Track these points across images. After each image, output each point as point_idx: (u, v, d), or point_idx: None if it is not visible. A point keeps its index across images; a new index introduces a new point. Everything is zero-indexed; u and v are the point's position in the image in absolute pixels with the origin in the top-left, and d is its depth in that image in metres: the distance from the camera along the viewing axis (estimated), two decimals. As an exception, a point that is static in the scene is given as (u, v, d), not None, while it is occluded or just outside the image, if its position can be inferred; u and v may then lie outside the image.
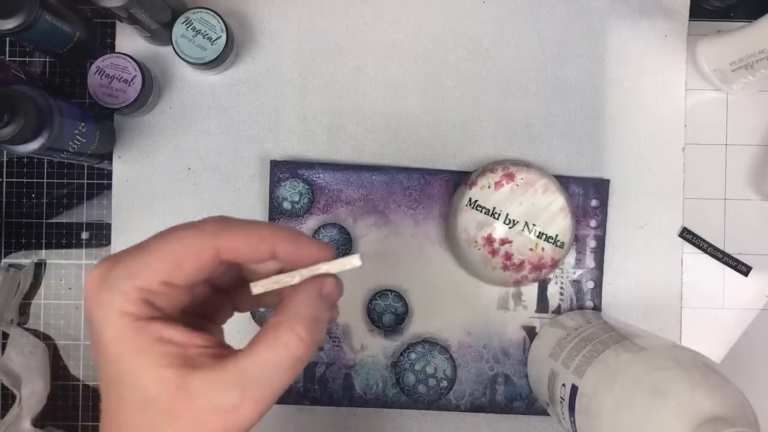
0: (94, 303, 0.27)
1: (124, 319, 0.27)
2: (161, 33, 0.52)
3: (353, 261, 0.30)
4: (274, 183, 0.54)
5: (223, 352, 0.28)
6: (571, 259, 0.55)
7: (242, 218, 0.30)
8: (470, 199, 0.52)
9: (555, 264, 0.52)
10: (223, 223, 0.29)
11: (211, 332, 0.32)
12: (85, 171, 0.56)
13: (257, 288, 0.30)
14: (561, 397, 0.45)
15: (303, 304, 0.29)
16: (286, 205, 0.54)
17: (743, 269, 0.56)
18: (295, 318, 0.28)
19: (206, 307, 0.32)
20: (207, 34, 0.51)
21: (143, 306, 0.27)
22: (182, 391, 0.26)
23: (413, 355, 0.54)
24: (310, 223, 0.55)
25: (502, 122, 0.56)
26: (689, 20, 0.56)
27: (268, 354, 0.27)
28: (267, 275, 0.31)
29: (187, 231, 0.29)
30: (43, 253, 0.55)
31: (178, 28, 0.51)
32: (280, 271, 0.30)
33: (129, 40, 0.55)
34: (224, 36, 0.51)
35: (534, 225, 0.52)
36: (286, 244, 0.29)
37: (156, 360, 0.26)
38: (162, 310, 0.28)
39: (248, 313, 0.54)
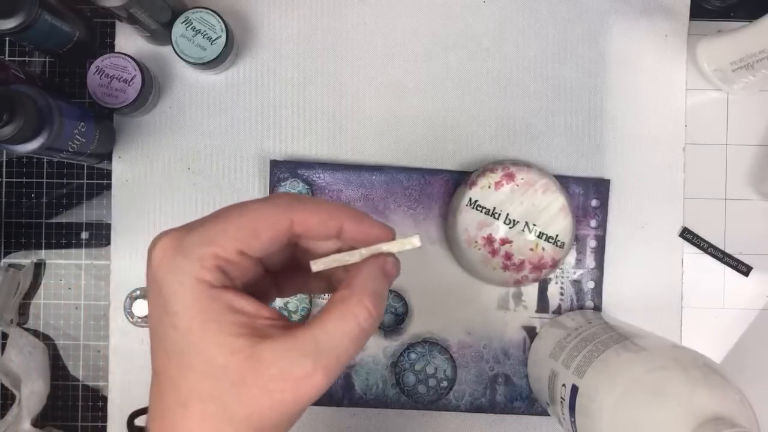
0: (166, 269, 0.27)
1: (200, 286, 0.27)
2: (161, 33, 0.52)
3: (413, 241, 0.31)
4: (274, 183, 0.54)
5: (290, 324, 0.28)
6: (571, 259, 0.55)
7: (311, 197, 0.30)
8: (470, 199, 0.52)
9: (555, 264, 0.52)
10: (296, 198, 0.30)
11: None
12: (85, 171, 0.56)
13: (317, 265, 0.30)
14: (561, 398, 0.45)
15: (369, 279, 0.29)
16: (286, 205, 0.54)
17: (743, 269, 0.56)
18: (362, 291, 0.28)
19: (254, 287, 0.32)
20: (207, 34, 0.51)
21: (218, 274, 0.27)
22: (253, 361, 0.26)
23: (413, 355, 0.54)
24: (310, 223, 0.54)
25: (502, 122, 0.56)
26: (690, 20, 0.56)
27: (339, 324, 0.27)
28: (325, 254, 0.31)
29: (263, 203, 0.29)
30: (42, 253, 0.55)
31: (178, 28, 0.51)
32: (338, 251, 0.31)
33: (129, 40, 0.55)
34: (224, 36, 0.51)
35: (534, 225, 0.52)
36: (351, 222, 0.30)
37: (227, 329, 0.26)
38: (233, 281, 0.28)
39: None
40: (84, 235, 0.55)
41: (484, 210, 0.52)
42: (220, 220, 0.29)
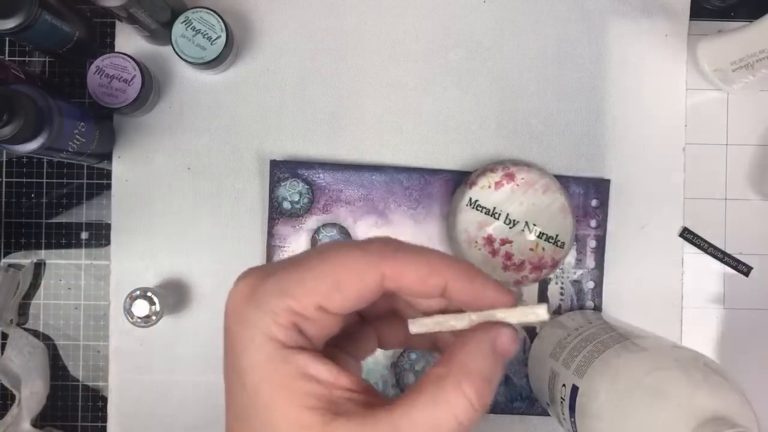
0: (238, 321, 0.24)
1: (271, 344, 0.23)
2: (161, 33, 0.52)
3: (538, 312, 0.24)
4: (274, 183, 0.54)
5: (371, 400, 0.24)
6: (571, 259, 0.55)
7: (412, 243, 0.25)
8: (470, 199, 0.52)
9: (555, 264, 0.52)
10: (392, 245, 0.25)
11: (348, 366, 0.28)
12: (85, 171, 0.55)
13: (416, 326, 0.26)
14: (561, 398, 0.45)
15: (474, 357, 0.24)
16: (286, 205, 0.54)
17: (744, 269, 0.56)
18: (463, 373, 0.23)
19: (347, 337, 0.28)
20: (207, 34, 0.51)
21: (293, 332, 0.24)
22: None
23: (414, 356, 0.54)
24: (310, 223, 0.54)
25: (502, 122, 0.56)
26: (690, 20, 0.56)
27: (428, 413, 0.23)
28: (428, 312, 0.26)
29: (351, 249, 0.24)
30: (42, 253, 0.55)
31: (178, 28, 0.51)
32: (443, 310, 0.26)
33: (129, 40, 0.55)
34: (224, 36, 0.51)
35: (534, 225, 0.52)
36: (459, 282, 0.24)
37: (297, 399, 0.23)
38: (310, 340, 0.24)
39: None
40: (84, 235, 0.55)
41: (484, 210, 0.52)
42: (300, 266, 0.24)
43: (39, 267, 0.55)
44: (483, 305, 0.25)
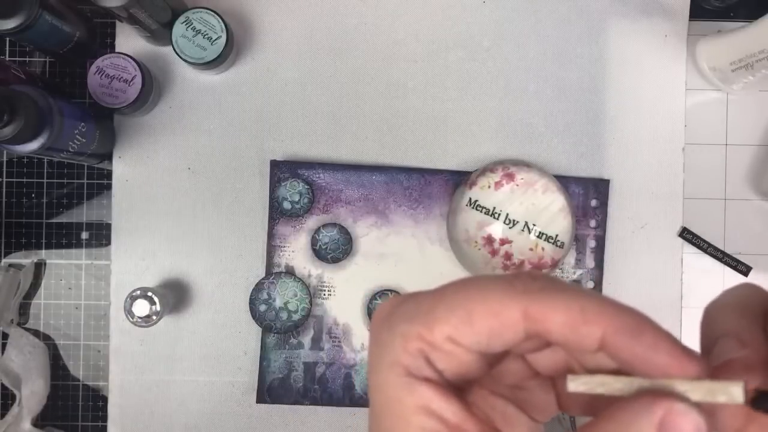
0: (374, 339, 0.23)
1: (395, 369, 0.21)
2: (161, 33, 0.52)
3: (733, 392, 0.18)
4: (274, 183, 0.54)
5: None
6: (571, 259, 0.55)
7: (573, 285, 0.22)
8: (470, 199, 0.52)
9: (555, 264, 0.52)
10: (540, 282, 0.21)
11: (518, 426, 0.25)
12: (85, 171, 0.56)
13: (575, 384, 0.21)
14: (561, 397, 0.45)
15: (622, 430, 0.19)
16: (286, 205, 0.54)
17: (743, 269, 0.56)
18: None
19: (522, 393, 0.25)
20: (207, 34, 0.51)
21: (420, 360, 0.21)
22: None
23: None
24: (310, 223, 0.55)
25: (502, 122, 0.56)
26: (689, 20, 0.56)
27: None
28: (598, 369, 0.22)
29: (491, 281, 0.22)
30: (43, 253, 0.55)
31: (178, 28, 0.51)
32: (615, 371, 0.21)
33: (129, 40, 0.55)
34: (224, 36, 0.51)
35: (534, 225, 0.52)
36: (620, 336, 0.20)
37: None
38: (440, 374, 0.22)
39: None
40: (84, 235, 0.55)
41: (484, 210, 0.52)
42: (438, 293, 0.22)
43: (39, 267, 0.55)
44: (651, 371, 0.20)
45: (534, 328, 0.21)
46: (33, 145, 0.44)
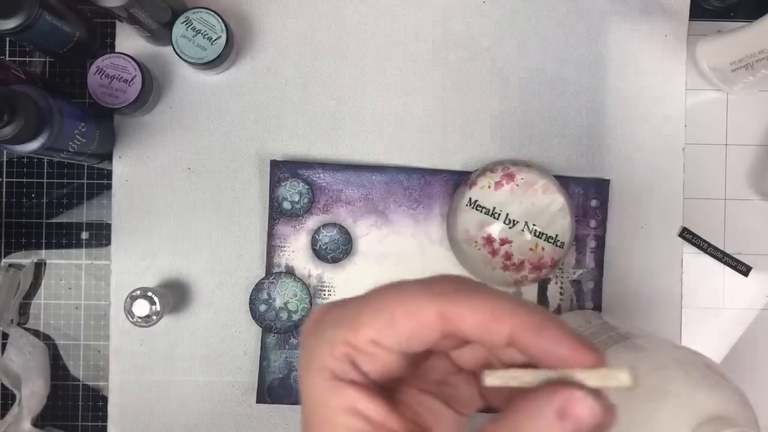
0: (303, 345, 0.24)
1: (323, 374, 0.23)
2: (161, 33, 0.52)
3: (621, 378, 0.21)
4: (274, 183, 0.54)
5: None
6: (571, 259, 0.55)
7: (484, 285, 0.23)
8: (470, 199, 0.52)
9: (555, 264, 0.52)
10: (455, 284, 0.23)
11: (444, 420, 0.26)
12: (85, 171, 0.56)
13: (490, 378, 0.23)
14: (561, 397, 0.45)
15: (530, 420, 0.21)
16: (286, 205, 0.54)
17: (743, 269, 0.56)
18: None
19: (447, 388, 0.26)
20: (207, 34, 0.51)
21: (346, 364, 0.23)
22: None
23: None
24: (310, 223, 0.55)
25: (502, 122, 0.56)
26: (689, 20, 0.56)
27: None
28: (512, 363, 0.24)
29: (411, 285, 0.23)
30: (43, 253, 0.55)
31: (178, 28, 0.51)
32: (527, 364, 0.23)
33: (129, 40, 0.55)
34: (224, 36, 0.51)
35: (534, 225, 0.52)
36: (526, 333, 0.21)
37: None
38: (366, 376, 0.23)
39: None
40: (84, 235, 0.55)
41: (484, 210, 0.52)
42: (361, 300, 0.24)
43: (39, 267, 0.55)
44: (554, 363, 0.21)
45: (449, 328, 0.22)
46: (33, 145, 0.44)
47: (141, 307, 0.51)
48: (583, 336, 0.22)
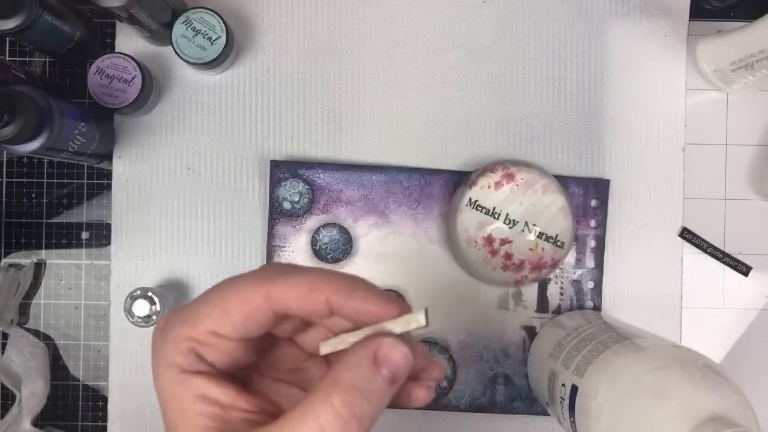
0: (153, 351, 0.26)
1: (171, 370, 0.25)
2: (161, 33, 0.52)
3: (418, 318, 0.25)
4: (274, 183, 0.54)
5: (265, 419, 0.25)
6: (571, 259, 0.55)
7: (306, 266, 0.26)
8: (470, 199, 0.52)
9: (555, 264, 0.52)
10: (278, 269, 0.26)
11: (294, 399, 0.28)
12: (85, 171, 0.56)
13: (325, 347, 0.26)
14: (561, 397, 0.45)
15: (347, 368, 0.24)
16: (286, 205, 0.54)
17: (743, 269, 0.56)
18: (333, 385, 0.23)
19: (300, 374, 0.28)
20: (207, 34, 0.51)
21: (191, 357, 0.25)
22: None
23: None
24: (310, 223, 0.55)
25: (502, 122, 0.56)
26: (689, 20, 0.56)
27: (296, 426, 0.23)
28: (343, 330, 0.26)
29: (241, 277, 0.26)
30: (43, 253, 0.55)
31: (178, 28, 0.51)
32: (353, 329, 0.26)
33: (129, 40, 0.55)
34: (224, 36, 0.51)
35: (534, 225, 0.52)
36: (339, 297, 0.24)
37: (194, 419, 0.24)
38: (212, 365, 0.25)
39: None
40: (84, 235, 0.55)
41: (484, 210, 0.52)
42: (201, 298, 0.26)
43: (39, 267, 0.55)
44: (367, 319, 0.25)
45: (277, 306, 0.25)
46: (33, 145, 0.44)
47: (141, 307, 0.51)
48: (389, 293, 0.25)
